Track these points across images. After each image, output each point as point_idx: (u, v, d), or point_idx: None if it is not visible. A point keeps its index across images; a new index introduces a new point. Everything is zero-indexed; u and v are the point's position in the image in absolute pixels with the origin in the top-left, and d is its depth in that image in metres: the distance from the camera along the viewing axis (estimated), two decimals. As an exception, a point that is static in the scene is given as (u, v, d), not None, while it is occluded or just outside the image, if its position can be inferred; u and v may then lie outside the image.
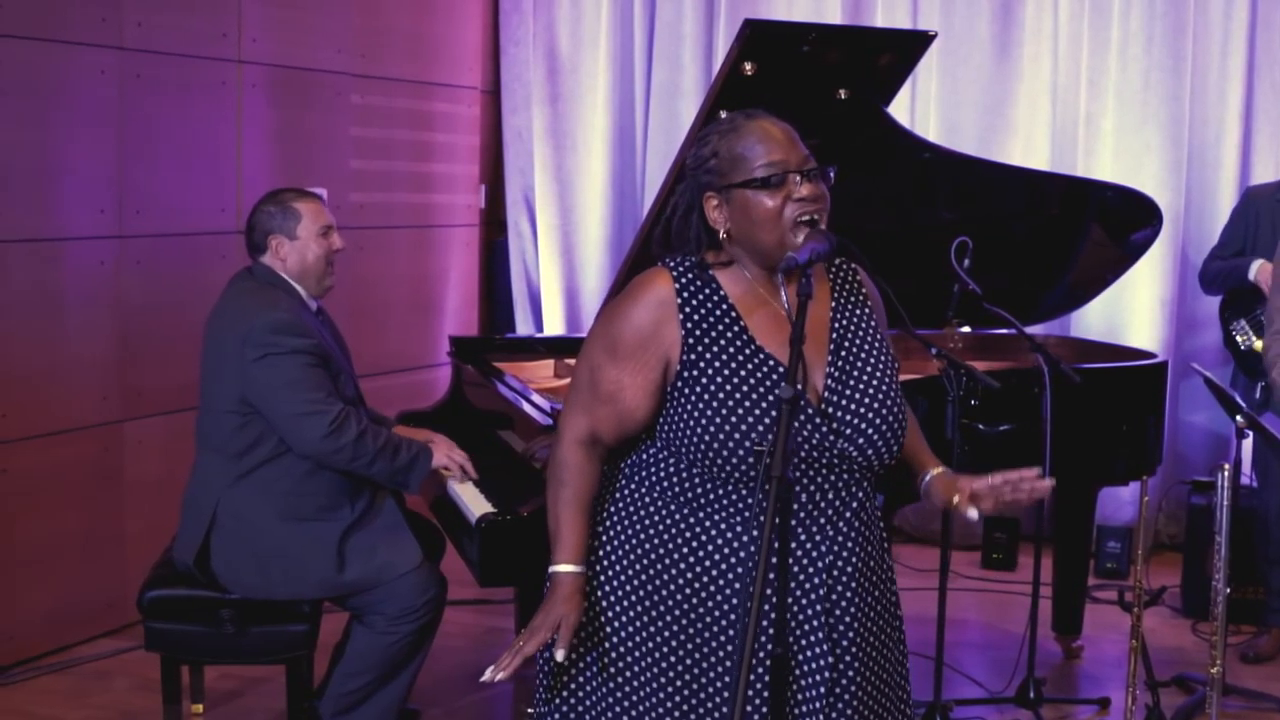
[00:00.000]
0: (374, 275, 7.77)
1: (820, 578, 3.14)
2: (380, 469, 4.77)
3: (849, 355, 3.20)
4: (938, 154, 5.96)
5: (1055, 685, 6.09)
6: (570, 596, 3.20)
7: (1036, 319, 6.67)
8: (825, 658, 3.13)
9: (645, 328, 3.16)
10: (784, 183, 3.08)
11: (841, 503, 3.16)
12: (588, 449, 3.26)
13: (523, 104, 8.67)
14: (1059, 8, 7.94)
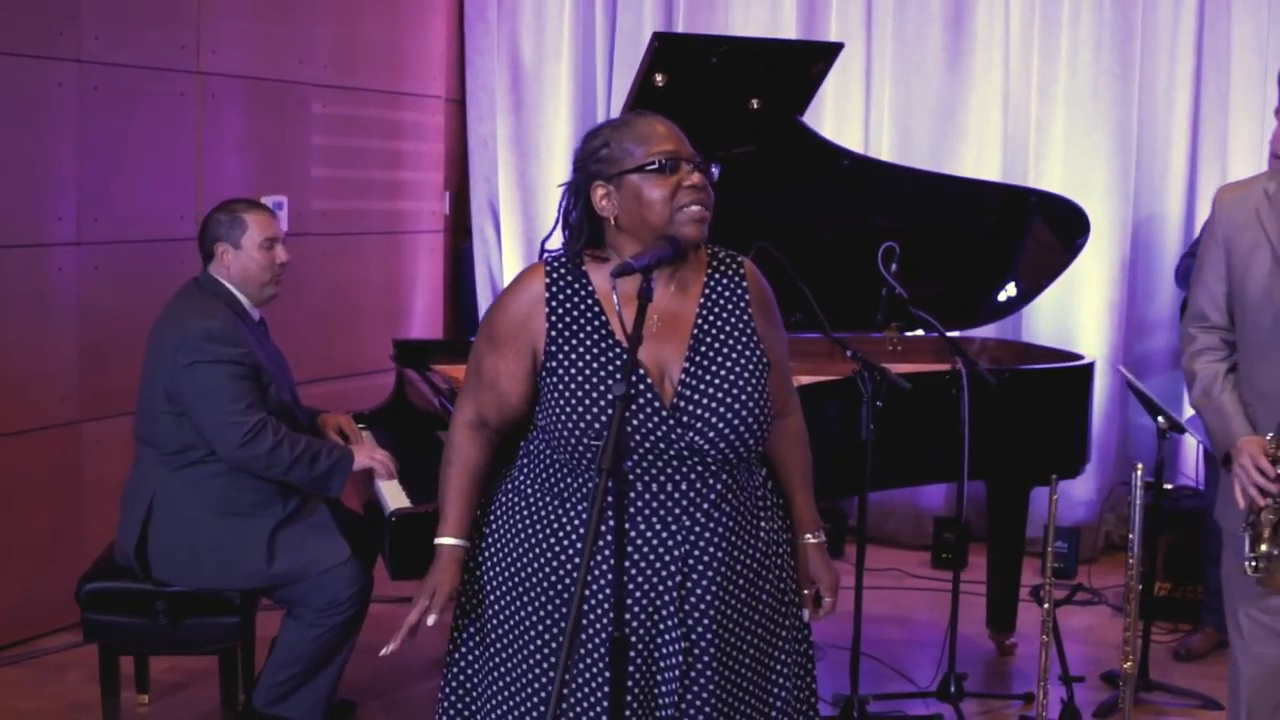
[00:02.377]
0: (343, 280, 7.92)
1: (675, 566, 3.28)
2: (298, 475, 4.97)
3: (709, 351, 3.34)
4: (857, 161, 6.10)
5: (987, 681, 6.24)
6: (447, 567, 3.42)
7: (981, 321, 6.82)
8: (679, 643, 3.29)
9: (517, 318, 3.35)
10: (676, 169, 3.25)
11: (697, 493, 3.30)
12: (475, 431, 3.46)
13: (488, 112, 8.81)
14: (1010, 16, 8.06)
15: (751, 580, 3.40)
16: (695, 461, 3.29)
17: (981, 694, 5.99)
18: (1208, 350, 4.20)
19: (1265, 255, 4.00)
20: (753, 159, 5.75)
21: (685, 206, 3.24)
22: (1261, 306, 4.02)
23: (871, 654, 6.36)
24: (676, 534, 3.29)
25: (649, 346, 3.29)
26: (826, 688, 5.71)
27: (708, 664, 3.32)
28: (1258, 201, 4.05)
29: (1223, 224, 4.12)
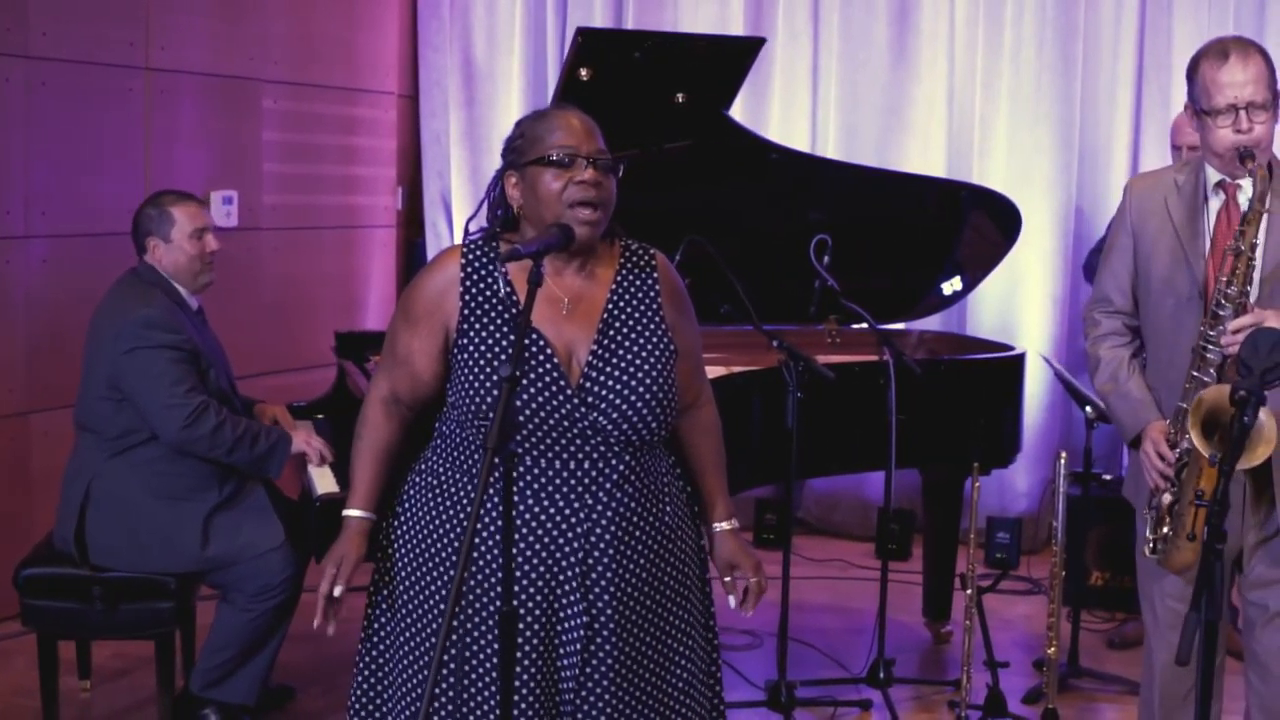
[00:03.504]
0: (296, 275, 8.00)
1: (577, 544, 3.38)
2: (240, 457, 5.05)
3: (617, 335, 3.44)
4: (785, 155, 6.19)
5: (922, 668, 6.35)
6: (353, 538, 3.54)
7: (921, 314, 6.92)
8: (580, 617, 3.39)
9: (431, 298, 3.47)
10: (571, 165, 3.34)
11: (599, 473, 3.39)
12: (388, 407, 3.58)
13: (440, 108, 8.89)
14: (954, 13, 8.16)
15: (653, 561, 3.49)
16: (598, 442, 3.38)
17: (912, 680, 6.09)
18: (1112, 335, 4.30)
19: (1169, 244, 4.09)
20: (686, 153, 5.82)
21: (574, 203, 3.34)
22: (1163, 294, 4.11)
23: (809, 642, 6.47)
24: (579, 511, 3.39)
25: (558, 328, 3.41)
26: (760, 674, 5.81)
27: (607, 638, 3.41)
28: (1166, 191, 4.15)
29: (1132, 211, 4.23)
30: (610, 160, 3.39)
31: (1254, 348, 3.39)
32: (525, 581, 3.37)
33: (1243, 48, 4.00)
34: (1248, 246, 3.87)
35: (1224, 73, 3.96)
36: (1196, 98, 4.04)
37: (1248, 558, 4.16)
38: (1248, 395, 3.31)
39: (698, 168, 5.94)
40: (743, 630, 6.51)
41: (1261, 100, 3.94)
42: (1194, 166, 4.16)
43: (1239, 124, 3.93)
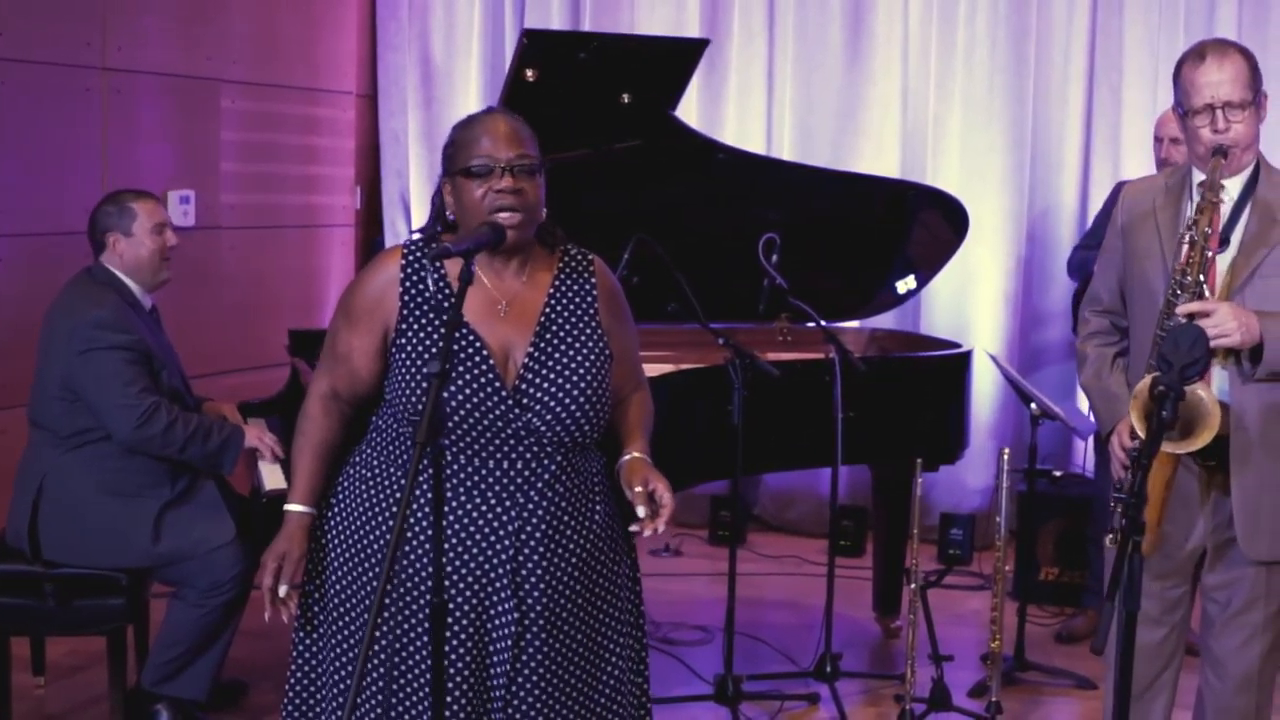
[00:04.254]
0: (255, 273, 8.03)
1: (508, 541, 3.45)
2: (193, 454, 5.11)
3: (553, 339, 3.51)
4: (732, 155, 6.25)
5: (872, 662, 6.41)
6: (294, 534, 3.60)
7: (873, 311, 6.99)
8: (511, 613, 3.46)
9: (371, 297, 3.54)
10: (489, 174, 3.40)
11: (531, 472, 3.46)
12: (328, 404, 3.64)
13: (399, 108, 8.94)
14: (908, 15, 8.22)
15: (584, 559, 3.55)
16: (531, 442, 3.45)
17: (859, 674, 6.15)
18: (1100, 334, 4.39)
19: (1154, 246, 4.16)
20: (635, 153, 5.88)
21: (494, 210, 3.41)
22: (1146, 294, 4.17)
23: (760, 637, 6.54)
24: (511, 509, 3.45)
25: (496, 330, 3.49)
26: (710, 669, 5.87)
27: (537, 634, 3.47)
28: (1156, 194, 4.23)
29: (1124, 213, 4.30)
30: (532, 164, 3.44)
31: (1174, 343, 3.46)
32: (456, 577, 3.44)
33: (1220, 49, 4.07)
34: (1200, 235, 3.93)
35: (1200, 73, 4.02)
36: (1179, 100, 4.11)
37: (1210, 557, 4.22)
38: (1166, 390, 3.37)
39: (647, 168, 5.99)
40: (694, 626, 6.60)
41: (1238, 100, 4.01)
42: (1182, 170, 4.23)
43: (1216, 123, 3.99)
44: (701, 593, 7.25)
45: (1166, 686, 4.38)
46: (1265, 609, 4.18)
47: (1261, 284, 4.02)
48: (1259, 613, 4.18)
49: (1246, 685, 4.25)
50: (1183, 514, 4.10)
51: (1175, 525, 4.10)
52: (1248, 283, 4.02)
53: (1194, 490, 4.11)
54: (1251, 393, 4.03)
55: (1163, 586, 4.25)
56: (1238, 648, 4.22)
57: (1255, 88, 4.05)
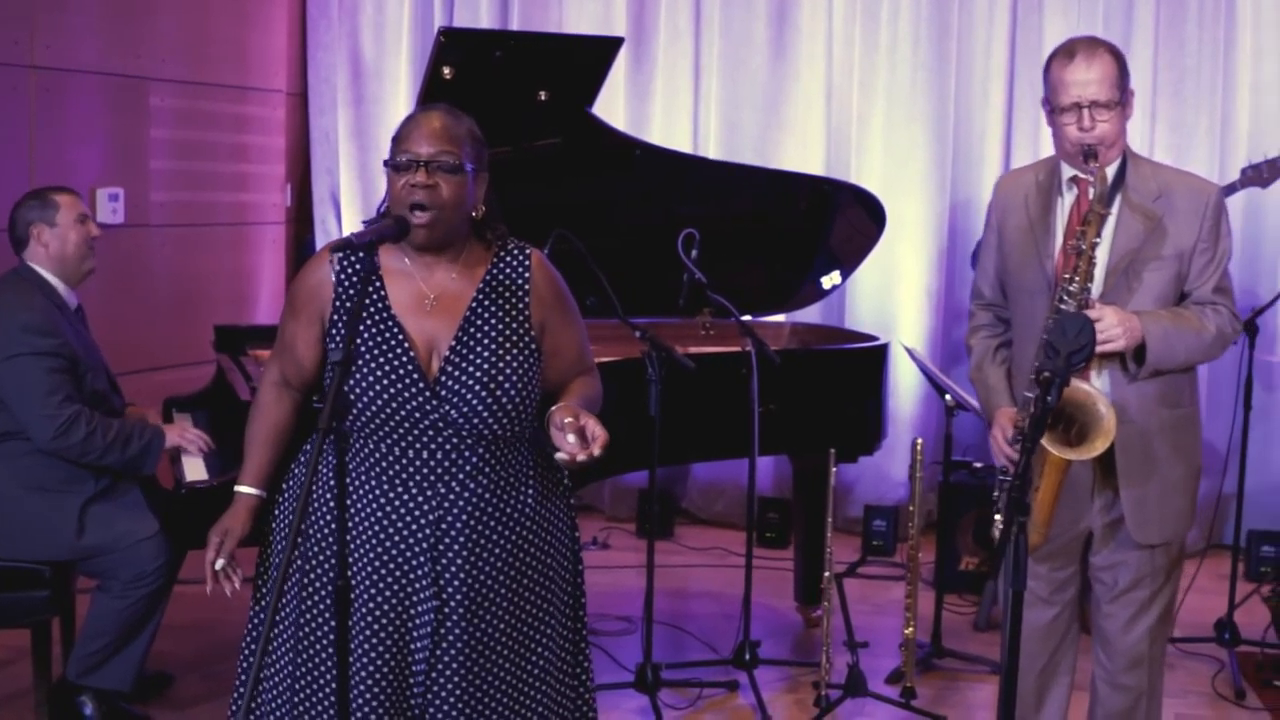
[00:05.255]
0: (185, 271, 8.07)
1: (428, 530, 3.53)
2: (113, 460, 5.20)
3: (477, 333, 3.57)
4: (649, 151, 6.33)
5: (794, 651, 6.51)
6: (239, 513, 3.72)
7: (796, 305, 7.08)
8: (430, 602, 3.54)
9: (310, 288, 3.65)
10: (409, 168, 3.48)
11: (452, 463, 3.54)
12: (279, 390, 3.78)
13: (329, 106, 8.98)
14: (832, 12, 8.32)
15: (510, 551, 3.62)
16: (450, 434, 3.52)
17: (779, 661, 6.25)
18: (984, 327, 4.50)
19: (1027, 239, 4.26)
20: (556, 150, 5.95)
21: (408, 205, 3.48)
22: (1022, 288, 4.29)
23: (683, 627, 6.63)
24: (432, 499, 3.54)
25: (422, 323, 3.57)
26: (632, 658, 5.94)
27: (457, 623, 3.55)
28: (1027, 188, 4.32)
29: (997, 208, 4.41)
30: (453, 163, 3.49)
31: (1061, 331, 3.54)
32: (379, 563, 3.54)
33: (1090, 48, 4.15)
34: (1089, 245, 4.03)
35: (1069, 72, 4.11)
36: (1048, 96, 4.21)
37: (1097, 539, 4.33)
38: (1051, 377, 3.47)
39: (569, 164, 6.06)
40: (618, 616, 6.68)
41: (1106, 99, 4.09)
42: (1051, 163, 4.33)
43: (1082, 122, 4.09)
44: (628, 584, 7.32)
45: (1064, 666, 4.51)
46: (1151, 587, 4.33)
47: (1135, 277, 4.14)
48: (1145, 591, 4.33)
49: (1136, 663, 4.38)
50: (1071, 497, 4.21)
51: (1064, 508, 4.20)
52: (1122, 276, 4.13)
53: (1082, 475, 4.22)
54: (1132, 389, 4.17)
55: (1051, 568, 4.37)
56: (1124, 625, 4.35)
57: (1123, 87, 4.14)
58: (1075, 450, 3.94)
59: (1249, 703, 5.99)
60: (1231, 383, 6.43)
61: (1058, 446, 3.93)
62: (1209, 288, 4.20)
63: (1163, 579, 4.34)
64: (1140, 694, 4.41)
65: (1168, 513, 4.27)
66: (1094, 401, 3.94)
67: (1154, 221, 4.14)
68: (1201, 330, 4.15)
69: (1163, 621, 4.40)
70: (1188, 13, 7.94)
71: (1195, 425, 4.37)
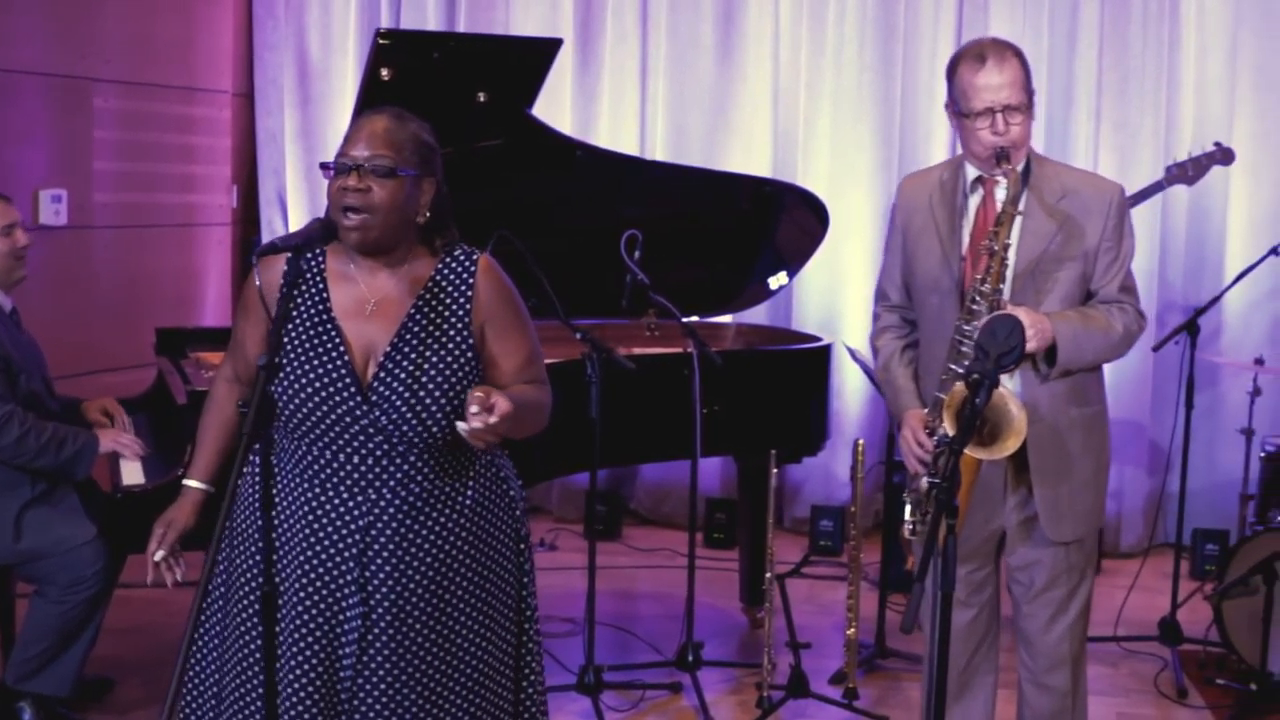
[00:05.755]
0: (130, 273, 8.02)
1: (356, 536, 3.52)
2: (45, 463, 5.17)
3: (413, 339, 3.55)
4: (591, 153, 6.33)
5: (740, 652, 6.50)
6: (184, 505, 3.73)
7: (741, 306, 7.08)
8: (357, 609, 3.53)
9: (259, 288, 3.61)
10: (344, 171, 3.47)
11: (383, 469, 3.52)
12: (231, 386, 3.80)
13: (276, 107, 8.95)
14: (779, 14, 8.33)
15: (441, 560, 3.59)
16: (381, 440, 3.51)
17: (723, 663, 6.25)
18: (890, 328, 4.49)
19: (933, 241, 4.27)
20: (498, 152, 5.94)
21: (340, 208, 3.48)
22: (928, 289, 4.29)
23: (628, 629, 6.64)
24: (363, 504, 3.53)
25: (361, 328, 3.55)
26: (577, 660, 5.92)
27: (384, 629, 3.54)
28: (932, 189, 4.33)
29: (901, 209, 4.41)
30: (388, 166, 3.47)
31: (991, 333, 3.56)
32: (308, 567, 3.53)
33: (999, 51, 4.16)
34: (1001, 246, 4.04)
35: (980, 76, 4.12)
36: (955, 100, 4.21)
37: (1010, 538, 4.35)
38: (980, 379, 3.48)
39: (512, 166, 6.05)
40: (563, 618, 6.67)
41: (1017, 103, 4.11)
42: (955, 164, 4.33)
43: (995, 126, 4.10)
44: (575, 585, 7.28)
45: (986, 666, 4.54)
46: (1067, 585, 4.36)
47: (1043, 278, 4.16)
48: (1061, 589, 4.36)
49: (1059, 663, 4.41)
50: (983, 497, 4.23)
51: (976, 508, 4.23)
52: (1029, 277, 4.15)
53: (994, 475, 4.24)
54: (1044, 389, 4.20)
55: (967, 570, 4.39)
56: (1045, 625, 4.39)
57: (1030, 89, 4.17)
58: (988, 450, 3.95)
59: (1191, 701, 6.01)
60: (1176, 382, 6.43)
61: (971, 446, 3.93)
62: (1114, 286, 4.25)
63: (1078, 577, 4.37)
64: (1066, 693, 4.44)
65: (1080, 510, 4.30)
66: (1005, 401, 3.95)
67: (1060, 222, 4.17)
68: (1109, 330, 4.19)
69: (1081, 619, 4.43)
70: (1132, 12, 7.97)
71: (1104, 423, 4.42)
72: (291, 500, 3.57)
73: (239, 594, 3.59)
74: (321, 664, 3.53)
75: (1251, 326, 8.02)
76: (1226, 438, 7.76)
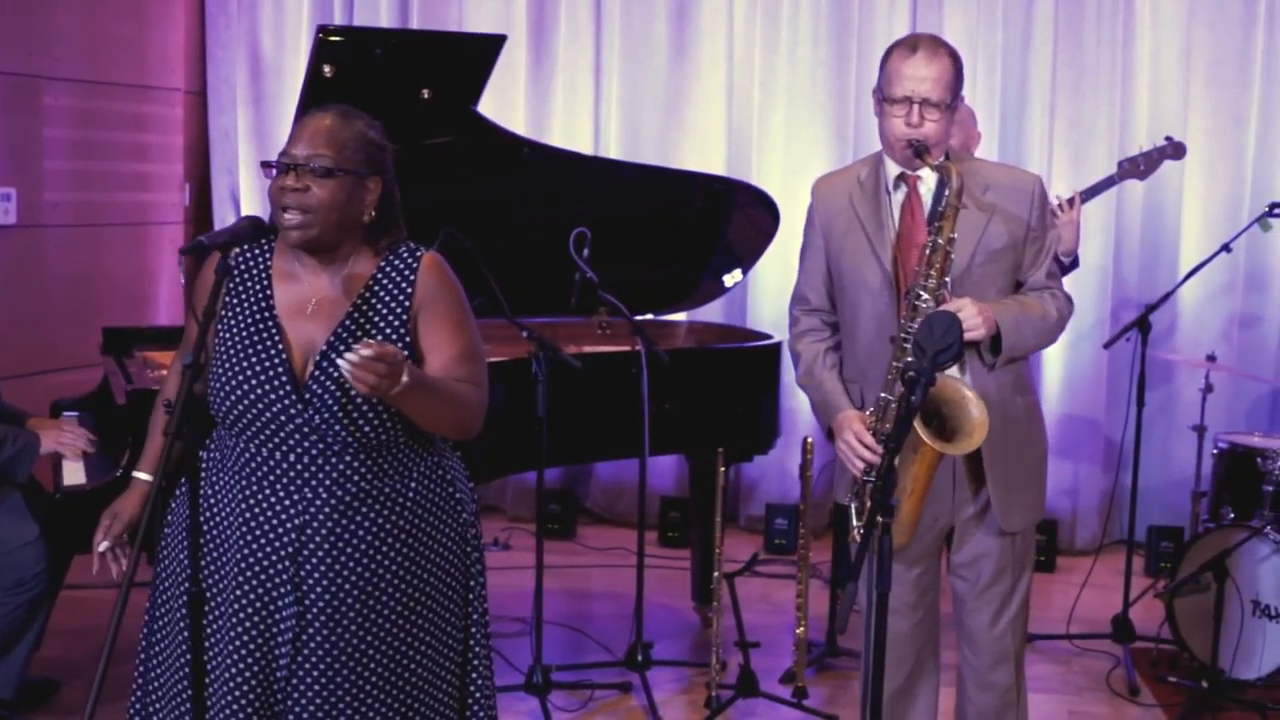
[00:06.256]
0: (82, 272, 7.96)
1: (290, 535, 3.49)
2: None
3: (349, 339, 3.50)
4: (538, 150, 6.31)
5: (692, 651, 6.48)
6: (132, 498, 3.72)
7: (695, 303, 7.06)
8: (291, 607, 3.50)
9: (205, 284, 3.60)
10: (284, 170, 3.45)
11: (318, 468, 3.50)
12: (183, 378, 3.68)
13: (228, 105, 8.90)
14: (733, 11, 8.32)
15: (378, 561, 3.55)
16: (316, 439, 3.48)
17: (672, 662, 6.23)
18: (810, 331, 4.45)
19: (858, 238, 4.24)
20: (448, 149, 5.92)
21: (278, 207, 3.47)
22: (856, 288, 4.26)
23: (580, 628, 6.61)
24: (299, 503, 3.50)
25: (302, 327, 3.53)
26: (527, 660, 5.88)
27: (319, 630, 3.51)
28: (851, 188, 4.30)
29: (820, 211, 4.36)
30: (327, 166, 3.44)
31: (929, 329, 3.54)
32: (244, 565, 3.50)
33: (933, 45, 4.15)
34: (945, 240, 4.02)
35: (908, 65, 4.10)
36: (881, 84, 4.19)
37: (958, 535, 4.33)
38: (917, 376, 3.45)
39: (461, 164, 6.02)
40: (514, 618, 6.63)
41: (937, 99, 4.09)
42: (874, 161, 4.30)
43: (910, 117, 4.08)
44: (528, 585, 7.20)
45: (930, 665, 4.54)
46: (1011, 578, 4.35)
47: (977, 270, 4.15)
48: (1006, 583, 4.35)
49: (1003, 658, 4.41)
50: (931, 496, 4.20)
51: (925, 507, 4.20)
52: (965, 270, 4.14)
53: (943, 473, 4.20)
54: (992, 379, 4.20)
55: (918, 573, 4.38)
56: (990, 620, 4.37)
57: (955, 91, 4.15)
58: (950, 445, 3.93)
59: (1143, 699, 6.00)
60: (1130, 379, 6.42)
61: (934, 439, 3.90)
62: (1042, 274, 4.28)
63: (1020, 569, 4.38)
64: (1009, 688, 4.43)
65: (1027, 499, 4.32)
66: (966, 402, 3.93)
67: (988, 215, 4.17)
68: (1045, 315, 4.22)
69: (1022, 614, 4.43)
70: (1086, 9, 7.98)
71: (1040, 412, 4.46)
72: (230, 497, 3.54)
73: (174, 592, 3.56)
74: (257, 662, 3.50)
75: (1206, 323, 8.03)
76: (1182, 435, 7.76)
